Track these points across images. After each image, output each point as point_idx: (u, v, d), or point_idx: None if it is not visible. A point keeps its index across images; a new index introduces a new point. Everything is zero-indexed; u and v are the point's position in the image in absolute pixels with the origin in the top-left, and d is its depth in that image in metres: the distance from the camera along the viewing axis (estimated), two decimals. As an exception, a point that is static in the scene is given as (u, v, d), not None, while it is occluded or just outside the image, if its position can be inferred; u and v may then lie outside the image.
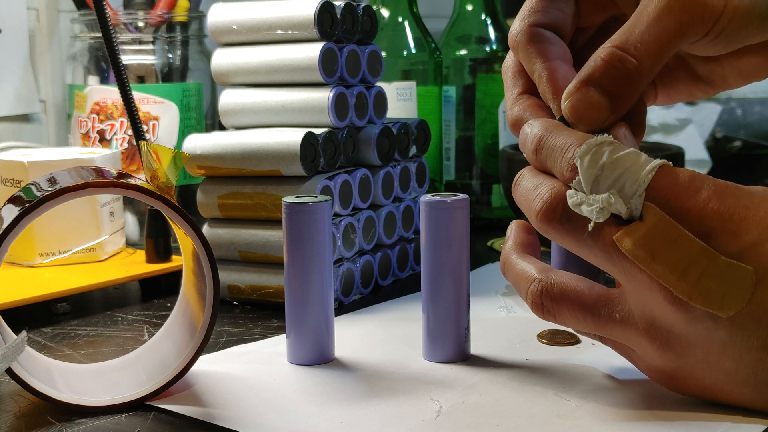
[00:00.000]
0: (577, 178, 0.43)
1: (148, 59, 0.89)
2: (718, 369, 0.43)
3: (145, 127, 0.82)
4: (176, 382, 0.50)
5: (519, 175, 0.48)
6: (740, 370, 0.43)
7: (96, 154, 0.73)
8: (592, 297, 0.45)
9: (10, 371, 0.46)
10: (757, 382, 0.43)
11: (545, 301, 0.46)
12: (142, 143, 0.51)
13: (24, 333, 0.45)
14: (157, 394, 0.49)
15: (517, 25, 0.50)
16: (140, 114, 0.78)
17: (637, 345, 0.45)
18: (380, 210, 0.72)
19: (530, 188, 0.46)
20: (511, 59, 0.52)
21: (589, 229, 0.43)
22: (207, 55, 0.91)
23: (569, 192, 0.44)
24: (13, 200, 0.49)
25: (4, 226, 0.46)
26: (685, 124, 1.22)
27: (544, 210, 0.44)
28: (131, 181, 0.49)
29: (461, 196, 0.54)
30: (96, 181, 0.47)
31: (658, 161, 0.43)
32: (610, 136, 0.44)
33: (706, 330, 0.42)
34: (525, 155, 0.47)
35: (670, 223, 0.42)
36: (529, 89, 0.50)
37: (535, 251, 0.50)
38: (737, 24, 0.44)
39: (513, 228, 0.51)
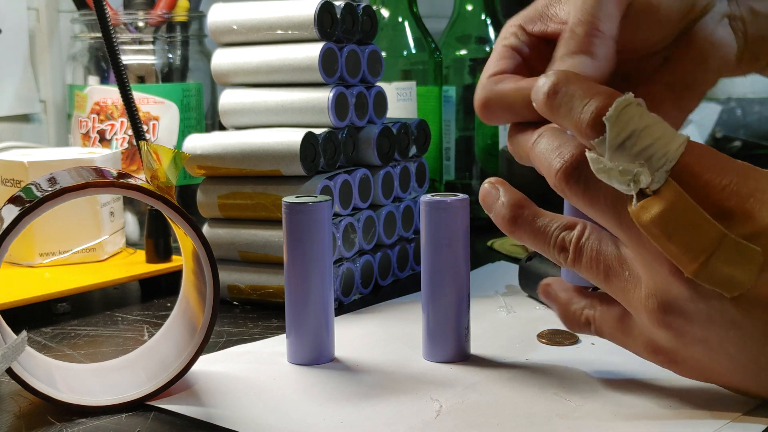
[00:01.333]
0: (599, 138, 0.42)
1: (148, 59, 0.89)
2: (719, 352, 0.43)
3: (145, 127, 0.82)
4: (176, 382, 0.50)
5: (539, 134, 0.46)
6: (741, 355, 0.42)
7: (96, 154, 0.73)
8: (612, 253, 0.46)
9: (10, 371, 0.46)
10: (758, 369, 0.43)
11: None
12: (142, 143, 0.51)
13: (24, 333, 0.45)
14: (157, 394, 0.49)
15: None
16: (140, 114, 0.78)
17: (639, 313, 0.45)
18: (380, 210, 0.72)
19: (551, 148, 0.44)
20: (509, 38, 0.51)
21: (633, 206, 0.42)
22: (207, 55, 0.91)
23: (591, 156, 0.42)
24: (13, 200, 0.49)
25: (4, 226, 0.46)
26: (685, 124, 1.22)
27: (564, 169, 0.43)
28: (131, 181, 0.49)
29: (461, 196, 0.54)
30: (96, 181, 0.47)
31: (685, 135, 0.42)
32: (632, 95, 0.42)
33: (709, 309, 0.42)
34: (535, 104, 0.45)
35: (691, 204, 0.41)
36: (513, 71, 0.50)
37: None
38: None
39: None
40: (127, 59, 0.87)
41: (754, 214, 0.41)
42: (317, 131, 0.66)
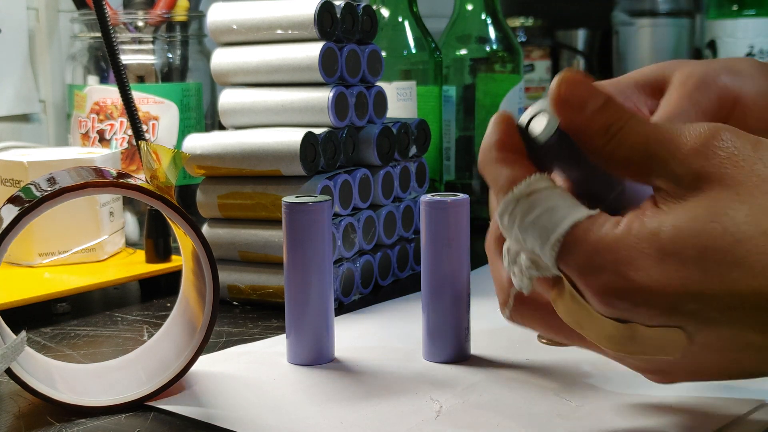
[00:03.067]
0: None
1: (148, 59, 0.89)
2: (703, 370, 0.41)
3: (144, 127, 0.82)
4: (176, 383, 0.50)
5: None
6: (723, 367, 0.40)
7: (96, 154, 0.73)
8: None
9: (9, 371, 0.46)
10: (731, 370, 0.41)
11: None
12: (142, 143, 0.51)
13: (23, 333, 0.45)
14: (156, 394, 0.49)
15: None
16: (140, 114, 0.78)
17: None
18: (380, 210, 0.72)
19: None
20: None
21: (517, 287, 0.41)
22: (207, 55, 0.91)
23: (504, 246, 0.42)
24: (13, 200, 0.49)
25: (4, 226, 0.46)
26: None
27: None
28: (131, 181, 0.49)
29: (461, 196, 0.54)
30: (95, 181, 0.47)
31: (567, 222, 0.38)
32: (539, 176, 0.39)
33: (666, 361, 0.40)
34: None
35: (578, 303, 0.39)
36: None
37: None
38: None
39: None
40: (126, 59, 0.87)
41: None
42: (317, 131, 0.66)
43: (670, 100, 0.49)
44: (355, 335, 0.60)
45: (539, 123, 0.40)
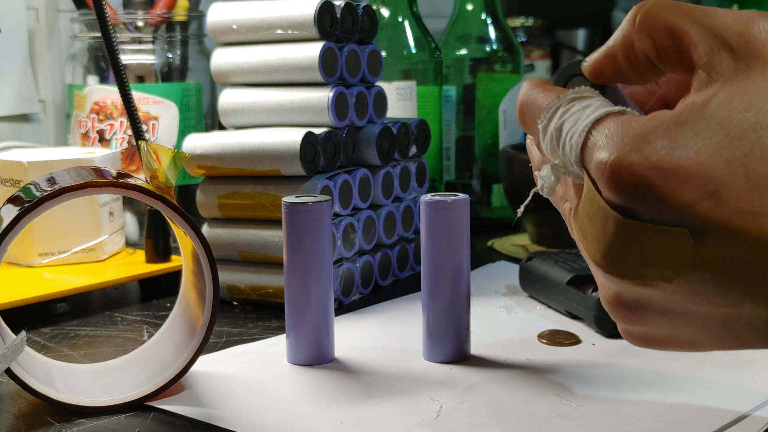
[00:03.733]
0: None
1: (148, 59, 0.89)
2: (688, 328, 0.39)
3: (144, 127, 0.82)
4: (176, 383, 0.50)
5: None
6: (711, 324, 0.38)
7: (96, 154, 0.73)
8: None
9: (9, 371, 0.46)
10: (732, 328, 0.38)
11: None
12: (142, 143, 0.51)
13: (23, 333, 0.45)
14: (156, 394, 0.49)
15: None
16: (140, 114, 0.78)
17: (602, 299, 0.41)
18: (380, 210, 0.72)
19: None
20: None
21: (543, 192, 0.40)
22: (207, 55, 0.91)
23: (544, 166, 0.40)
24: (13, 200, 0.49)
25: (4, 226, 0.46)
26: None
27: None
28: (131, 181, 0.49)
29: (461, 196, 0.54)
30: (95, 181, 0.47)
31: (598, 113, 0.37)
32: (585, 89, 0.39)
33: (659, 295, 0.38)
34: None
35: (592, 195, 0.37)
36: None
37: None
38: None
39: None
40: (126, 59, 0.87)
41: (678, 189, 0.35)
42: (317, 131, 0.66)
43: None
44: (355, 335, 0.60)
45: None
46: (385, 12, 0.89)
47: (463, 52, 0.96)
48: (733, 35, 0.36)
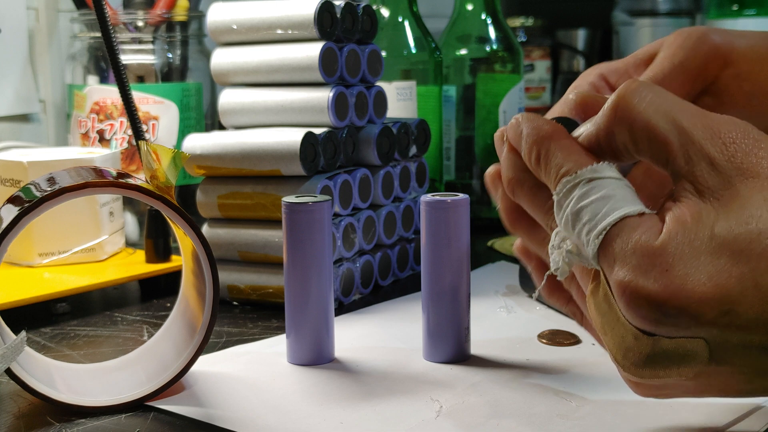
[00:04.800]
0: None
1: (148, 59, 0.89)
2: (704, 392, 0.39)
3: (144, 127, 0.82)
4: (176, 383, 0.50)
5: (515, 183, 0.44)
6: (728, 395, 0.39)
7: (96, 154, 0.73)
8: None
9: (9, 372, 0.46)
10: (752, 387, 0.39)
11: None
12: (142, 143, 0.51)
13: (23, 333, 0.45)
14: (156, 394, 0.49)
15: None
16: (140, 114, 0.78)
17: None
18: (380, 210, 0.72)
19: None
20: (582, 86, 0.51)
21: (553, 270, 0.41)
22: (207, 55, 0.91)
23: (554, 231, 0.41)
24: (13, 200, 0.49)
25: (4, 226, 0.46)
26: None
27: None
28: (131, 181, 0.49)
29: (461, 196, 0.54)
30: (95, 181, 0.47)
31: (617, 215, 0.37)
32: (606, 164, 0.39)
33: (677, 384, 0.39)
34: (520, 151, 0.43)
35: (609, 303, 0.38)
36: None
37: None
38: None
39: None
40: (126, 59, 0.87)
41: (694, 310, 0.36)
42: (317, 131, 0.66)
43: (655, 62, 0.49)
44: (355, 335, 0.60)
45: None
46: (385, 12, 0.89)
47: (463, 52, 0.96)
48: (711, 146, 0.37)
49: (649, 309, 0.36)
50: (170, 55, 0.90)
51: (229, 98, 0.71)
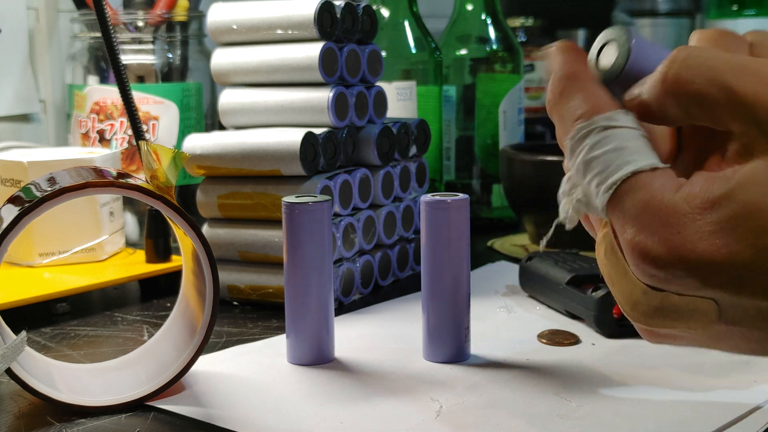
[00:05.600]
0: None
1: (148, 59, 0.89)
2: (718, 344, 0.38)
3: (144, 127, 0.82)
4: (176, 383, 0.50)
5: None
6: (737, 350, 0.38)
7: (96, 154, 0.73)
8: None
9: (9, 372, 0.46)
10: (761, 351, 0.38)
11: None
12: (142, 143, 0.51)
13: (23, 333, 0.45)
14: (157, 394, 0.49)
15: None
16: (140, 114, 0.78)
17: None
18: (380, 210, 0.72)
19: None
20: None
21: (561, 219, 0.39)
22: (207, 55, 0.91)
23: (565, 177, 0.39)
24: (13, 200, 0.49)
25: (4, 226, 0.46)
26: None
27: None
28: (131, 181, 0.49)
29: (461, 196, 0.54)
30: (96, 180, 0.47)
31: (629, 169, 0.36)
32: (623, 112, 0.37)
33: (684, 335, 0.38)
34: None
35: (616, 256, 0.37)
36: None
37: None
38: None
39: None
40: (126, 59, 0.87)
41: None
42: (317, 131, 0.66)
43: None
44: (355, 335, 0.60)
45: (608, 55, 0.39)
46: (385, 12, 0.89)
47: (463, 52, 0.96)
48: (762, 109, 0.35)
49: (656, 269, 0.35)
50: (170, 55, 0.90)
51: (229, 98, 0.71)
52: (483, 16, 0.96)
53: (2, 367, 0.45)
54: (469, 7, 0.97)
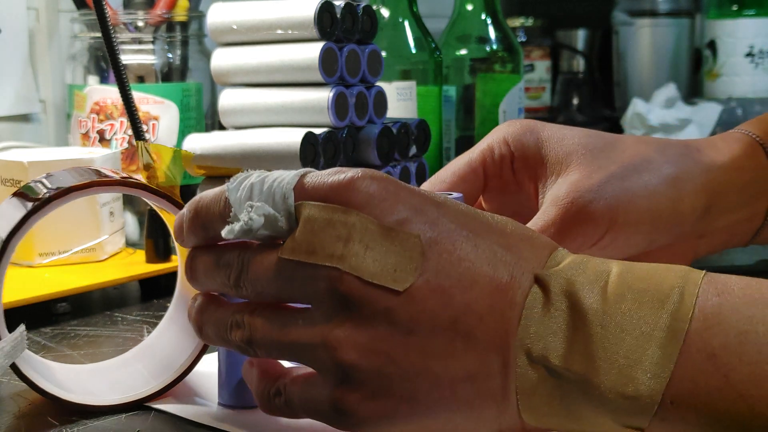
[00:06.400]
0: (232, 211, 0.40)
1: (148, 59, 0.89)
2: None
3: (144, 127, 0.82)
4: (179, 382, 0.50)
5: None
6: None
7: (96, 154, 0.73)
8: None
9: (19, 373, 0.46)
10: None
11: None
12: (139, 143, 0.50)
13: (22, 326, 0.45)
14: (159, 394, 0.49)
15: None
16: (140, 114, 0.78)
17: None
18: (380, 210, 0.72)
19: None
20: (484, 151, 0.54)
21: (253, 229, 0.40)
22: (207, 55, 0.91)
23: (225, 229, 0.40)
24: (18, 195, 0.49)
25: (12, 225, 0.46)
26: (686, 124, 1.22)
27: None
28: (135, 179, 0.49)
29: (455, 194, 0.54)
30: (102, 179, 0.47)
31: (300, 172, 0.39)
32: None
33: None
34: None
35: (325, 206, 0.38)
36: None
37: None
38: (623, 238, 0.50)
39: None
40: (126, 59, 0.87)
41: (389, 210, 0.38)
42: (317, 131, 0.66)
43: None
44: (355, 335, 0.60)
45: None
46: (385, 12, 0.89)
47: (463, 52, 0.97)
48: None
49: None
50: (170, 55, 0.90)
51: (229, 98, 0.71)
52: (483, 16, 0.96)
53: (6, 363, 0.45)
54: (469, 7, 0.97)
